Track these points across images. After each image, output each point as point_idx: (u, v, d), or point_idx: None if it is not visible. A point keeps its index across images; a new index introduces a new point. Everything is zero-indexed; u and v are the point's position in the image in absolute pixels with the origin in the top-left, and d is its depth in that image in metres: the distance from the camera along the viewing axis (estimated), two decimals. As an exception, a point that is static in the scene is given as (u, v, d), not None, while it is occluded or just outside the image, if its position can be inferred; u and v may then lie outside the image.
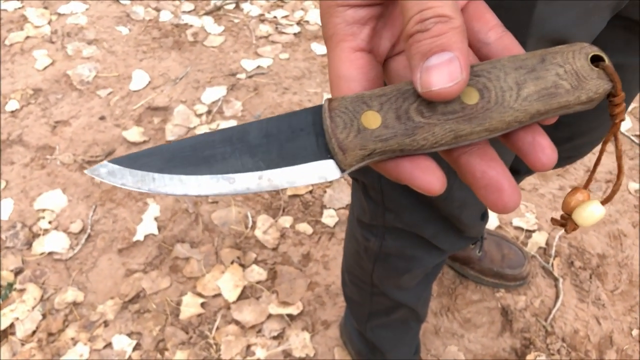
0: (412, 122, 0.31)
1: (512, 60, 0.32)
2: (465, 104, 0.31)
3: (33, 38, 2.00)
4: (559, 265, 1.42)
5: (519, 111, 0.31)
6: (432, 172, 0.31)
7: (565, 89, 0.32)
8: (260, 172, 0.32)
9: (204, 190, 0.31)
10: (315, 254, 1.43)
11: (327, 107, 0.31)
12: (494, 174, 0.31)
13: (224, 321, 1.31)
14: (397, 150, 0.31)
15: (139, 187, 0.31)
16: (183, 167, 0.31)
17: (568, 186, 1.58)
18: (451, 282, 1.39)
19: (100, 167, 0.32)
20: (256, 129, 0.32)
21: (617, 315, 1.33)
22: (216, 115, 1.75)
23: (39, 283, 1.38)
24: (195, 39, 2.02)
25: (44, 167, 1.62)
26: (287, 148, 0.32)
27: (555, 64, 0.32)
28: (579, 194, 0.34)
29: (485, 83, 0.31)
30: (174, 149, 0.32)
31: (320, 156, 0.32)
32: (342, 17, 0.33)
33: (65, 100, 1.80)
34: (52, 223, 1.49)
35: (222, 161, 0.32)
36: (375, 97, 0.31)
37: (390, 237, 0.82)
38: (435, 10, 0.28)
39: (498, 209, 0.31)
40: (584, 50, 0.32)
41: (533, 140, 0.32)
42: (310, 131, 0.32)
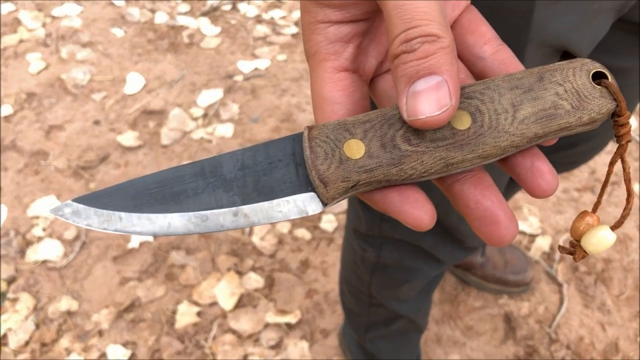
0: (399, 151, 0.28)
1: (508, 79, 0.29)
2: (456, 130, 0.28)
3: (27, 41, 1.97)
4: (563, 270, 1.39)
5: (515, 135, 0.29)
6: (421, 206, 0.28)
7: (566, 109, 0.29)
8: (235, 208, 0.29)
9: (174, 230, 0.29)
10: (313, 261, 1.40)
11: (307, 136, 0.29)
12: (489, 205, 0.28)
13: (221, 330, 1.29)
14: (383, 181, 0.29)
15: (105, 227, 0.29)
16: (151, 205, 0.29)
17: (572, 189, 1.54)
18: (453, 288, 1.36)
19: (65, 207, 0.30)
20: (230, 160, 0.30)
21: (622, 321, 1.30)
22: (213, 119, 1.72)
23: (33, 292, 1.35)
24: (191, 40, 1.99)
25: (38, 172, 1.59)
26: (265, 181, 0.29)
27: (554, 83, 0.29)
28: (588, 217, 0.32)
29: (477, 106, 0.29)
30: (141, 185, 0.30)
31: (300, 189, 0.29)
32: (324, 34, 0.31)
33: (59, 104, 1.77)
34: (46, 230, 1.46)
35: (194, 197, 0.29)
36: (358, 124, 0.29)
37: (388, 248, 0.79)
38: (422, 29, 0.26)
39: (493, 242, 0.28)
40: (585, 67, 0.30)
41: (532, 165, 0.29)
42: (289, 162, 0.30)
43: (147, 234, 0.29)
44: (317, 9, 0.30)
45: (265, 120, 1.72)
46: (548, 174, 0.29)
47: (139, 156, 1.62)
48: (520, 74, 0.30)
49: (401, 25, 0.26)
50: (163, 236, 0.29)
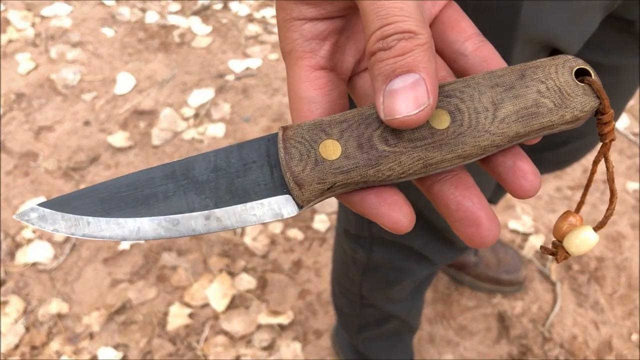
0: (376, 151, 0.28)
1: (488, 77, 0.29)
2: (435, 129, 0.28)
3: (16, 41, 1.96)
4: (556, 269, 1.38)
5: (495, 135, 0.28)
6: (399, 208, 0.28)
7: (548, 107, 0.28)
8: (208, 211, 0.28)
9: (143, 235, 0.28)
10: (306, 261, 1.39)
11: (282, 137, 0.28)
12: (469, 206, 0.28)
13: (213, 332, 1.28)
14: (360, 182, 0.28)
15: (73, 232, 0.28)
16: (120, 209, 0.28)
17: (566, 187, 1.54)
18: (446, 288, 1.35)
19: (31, 212, 0.29)
20: (203, 162, 0.29)
21: (616, 319, 1.30)
22: (204, 119, 1.71)
23: (23, 295, 1.34)
24: (182, 40, 1.98)
25: (28, 174, 1.57)
26: (238, 183, 0.29)
27: (536, 80, 0.28)
28: (571, 217, 0.31)
29: (457, 104, 0.28)
30: (110, 188, 0.29)
31: (275, 191, 0.28)
32: (300, 31, 0.30)
33: (49, 105, 1.75)
34: (35, 232, 1.45)
35: (164, 201, 0.28)
36: (335, 124, 0.28)
37: (378, 249, 0.79)
38: (399, 26, 0.25)
39: (475, 243, 0.27)
40: (568, 64, 0.29)
41: (513, 165, 0.29)
42: (264, 163, 0.29)
43: (116, 239, 0.28)
44: (292, 5, 0.30)
45: (256, 120, 1.71)
46: (530, 174, 0.28)
47: (129, 157, 1.61)
48: (502, 71, 0.29)
49: (377, 21, 0.25)
50: (133, 241, 0.28)
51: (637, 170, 1.58)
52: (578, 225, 0.30)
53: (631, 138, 1.66)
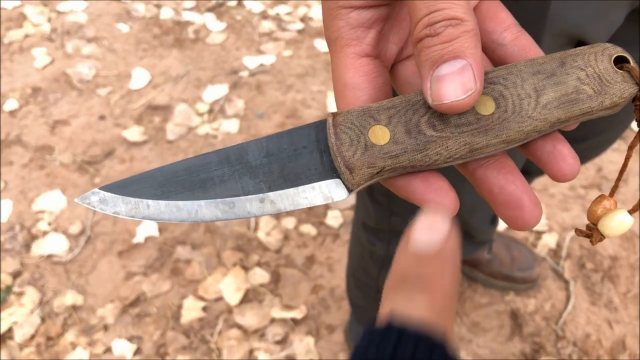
0: (424, 137, 0.28)
1: (530, 64, 0.29)
2: (481, 115, 0.28)
3: (32, 36, 1.97)
4: (569, 267, 1.38)
5: (538, 120, 0.29)
6: (444, 194, 0.29)
7: (588, 94, 0.29)
8: (262, 194, 0.29)
9: (201, 216, 0.29)
10: (319, 256, 1.39)
11: (332, 123, 0.29)
12: (512, 189, 0.28)
13: (226, 325, 1.28)
14: (407, 167, 0.29)
15: (133, 215, 0.29)
16: (178, 193, 0.29)
17: (579, 186, 1.54)
18: (459, 285, 1.35)
19: (92, 195, 0.30)
20: (256, 147, 0.30)
21: (629, 318, 1.30)
22: (218, 114, 1.72)
23: (38, 286, 1.35)
24: (196, 36, 1.98)
25: (43, 167, 1.59)
26: (290, 168, 0.29)
27: (576, 67, 0.29)
28: (605, 201, 0.32)
29: (501, 91, 0.29)
30: (168, 173, 0.30)
31: (325, 175, 0.29)
32: (346, 20, 0.31)
33: (64, 99, 1.77)
34: (51, 225, 1.46)
35: (220, 184, 0.29)
36: (383, 110, 0.29)
37: (397, 242, 0.79)
38: (446, 13, 0.25)
39: (518, 226, 0.28)
40: (607, 52, 0.29)
41: (553, 149, 0.29)
42: (314, 148, 0.29)
43: (175, 221, 0.29)
44: None
45: (270, 116, 1.71)
46: (570, 157, 0.29)
47: (144, 151, 1.62)
48: (542, 59, 0.30)
49: (424, 8, 0.26)
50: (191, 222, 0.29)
51: (652, 170, 1.58)
52: (612, 208, 0.31)
53: (646, 138, 1.66)
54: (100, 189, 0.30)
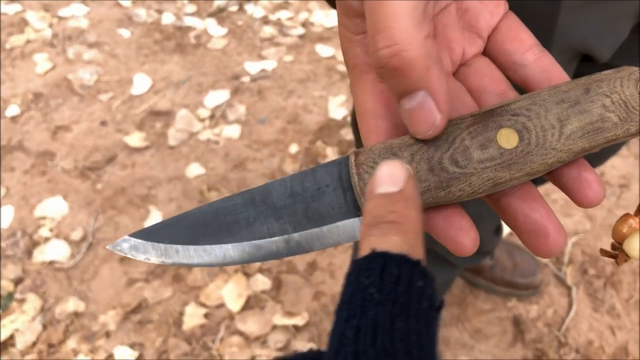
0: (447, 173, 0.28)
1: (554, 92, 0.29)
2: (504, 149, 0.28)
3: (34, 42, 1.97)
4: (572, 273, 1.38)
5: (562, 151, 0.28)
6: (466, 232, 0.28)
7: (613, 122, 0.28)
8: (287, 235, 0.29)
9: (230, 260, 0.29)
10: (321, 262, 1.39)
11: (354, 162, 0.29)
12: (537, 217, 0.28)
13: (228, 332, 1.28)
14: (431, 203, 0.28)
15: (164, 260, 0.29)
16: (206, 237, 0.30)
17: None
18: (461, 291, 1.35)
19: (123, 242, 0.30)
20: (279, 188, 0.30)
21: (632, 325, 1.30)
22: (219, 120, 1.72)
23: (40, 293, 1.35)
24: (198, 41, 1.99)
25: (45, 173, 1.59)
26: (314, 207, 0.29)
27: (601, 94, 0.28)
28: (631, 220, 0.31)
29: (524, 123, 0.28)
30: (195, 217, 0.30)
31: (349, 214, 0.29)
32: (363, 46, 0.30)
33: (66, 105, 1.77)
34: (52, 231, 1.46)
35: (247, 227, 0.30)
36: (405, 147, 0.28)
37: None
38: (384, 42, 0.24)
39: (542, 254, 0.28)
40: (633, 77, 0.29)
41: (579, 175, 0.29)
42: (337, 186, 0.29)
43: (205, 265, 0.29)
44: (350, 21, 0.30)
45: (271, 122, 1.71)
46: (595, 184, 0.28)
47: (145, 157, 1.62)
48: (566, 86, 0.29)
49: (371, 28, 0.25)
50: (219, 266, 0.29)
51: (653, 176, 1.58)
52: (638, 228, 0.30)
53: (647, 143, 1.66)
54: (130, 236, 0.30)
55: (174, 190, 1.54)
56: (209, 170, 1.58)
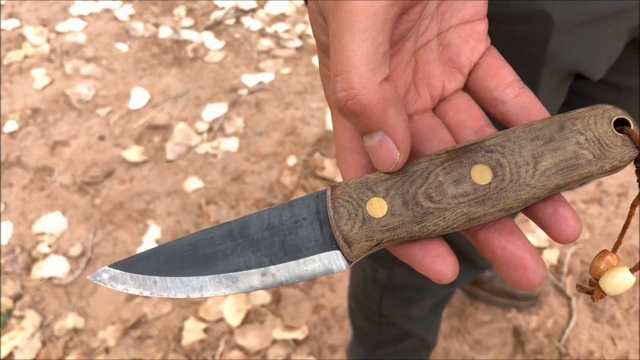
0: (421, 208, 0.28)
1: (528, 130, 0.29)
2: (478, 185, 0.28)
3: (31, 57, 1.98)
4: (571, 283, 1.38)
5: (536, 188, 0.28)
6: (442, 260, 0.28)
7: (587, 159, 0.28)
8: (264, 268, 0.30)
9: (206, 292, 0.30)
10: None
11: (330, 196, 0.29)
12: (514, 250, 0.28)
13: (228, 347, 1.28)
14: (405, 238, 0.29)
15: (141, 291, 0.30)
16: (184, 268, 0.30)
17: (579, 200, 1.54)
18: (461, 302, 1.35)
19: (103, 273, 0.31)
20: (257, 221, 0.30)
21: (632, 334, 1.29)
22: (217, 133, 1.72)
23: (39, 309, 1.35)
24: (195, 54, 1.99)
25: (43, 189, 1.59)
26: (291, 240, 0.30)
27: (575, 132, 0.29)
28: (608, 256, 0.31)
29: (498, 159, 0.29)
30: (173, 249, 0.31)
31: (325, 247, 0.29)
32: None
33: (64, 120, 1.77)
34: (51, 247, 1.46)
35: (224, 259, 0.30)
36: (380, 182, 0.29)
37: (400, 268, 0.79)
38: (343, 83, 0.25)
39: (523, 286, 0.28)
40: (607, 114, 0.29)
41: (555, 211, 0.29)
42: (314, 219, 0.30)
43: (182, 296, 0.30)
44: (325, 57, 0.30)
45: (269, 134, 1.72)
46: (571, 220, 0.29)
47: (144, 171, 1.62)
48: (541, 123, 0.29)
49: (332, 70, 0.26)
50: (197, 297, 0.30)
51: (651, 184, 1.58)
52: (615, 264, 0.31)
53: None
54: (110, 267, 0.31)
55: (172, 205, 1.54)
56: (207, 184, 1.58)
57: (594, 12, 0.47)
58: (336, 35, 0.25)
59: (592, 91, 0.68)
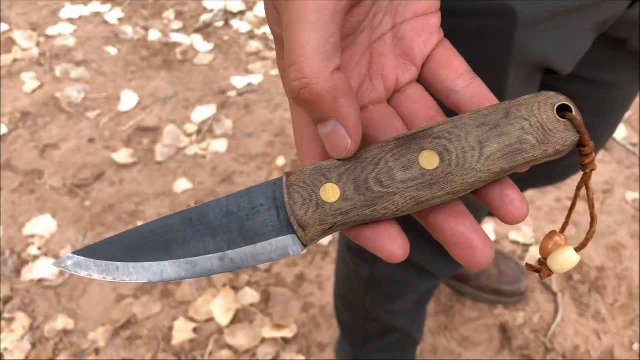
0: (372, 193, 0.30)
1: (475, 117, 0.31)
2: (425, 170, 0.30)
3: (21, 61, 1.99)
4: (557, 279, 1.40)
5: (482, 172, 0.30)
6: (393, 240, 0.30)
7: (531, 143, 0.30)
8: (222, 253, 0.31)
9: (167, 276, 0.31)
10: (309, 274, 1.40)
11: (286, 183, 0.31)
12: (463, 231, 0.29)
13: (217, 346, 1.29)
14: (358, 221, 0.30)
15: (104, 277, 0.31)
16: (145, 254, 0.31)
17: (565, 198, 1.56)
18: (448, 299, 1.36)
19: (67, 259, 0.32)
20: (216, 207, 0.32)
21: (617, 329, 1.31)
22: (207, 135, 1.73)
23: (29, 311, 1.35)
24: (184, 57, 2.00)
25: (33, 191, 1.59)
26: (248, 226, 0.31)
27: (520, 118, 0.30)
28: (556, 237, 0.33)
29: (445, 145, 0.30)
30: (135, 235, 0.32)
31: (281, 232, 0.31)
32: None
33: (54, 123, 1.78)
34: (41, 249, 1.46)
35: (183, 245, 0.31)
36: (334, 169, 0.30)
37: (381, 263, 0.80)
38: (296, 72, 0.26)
39: (471, 265, 0.29)
40: (550, 101, 0.30)
41: (501, 193, 0.30)
42: (270, 206, 0.31)
43: (142, 281, 0.31)
44: (282, 49, 0.31)
45: (259, 135, 1.73)
46: (517, 201, 0.30)
47: (133, 173, 1.63)
48: (487, 110, 0.31)
49: (285, 61, 0.27)
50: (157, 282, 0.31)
51: (636, 180, 1.60)
52: (563, 244, 0.32)
53: (629, 148, 1.68)
54: (74, 254, 0.32)
55: (161, 206, 1.54)
56: (197, 185, 1.59)
57: (558, 7, 0.48)
58: (289, 27, 0.26)
59: (566, 86, 0.70)
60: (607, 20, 0.55)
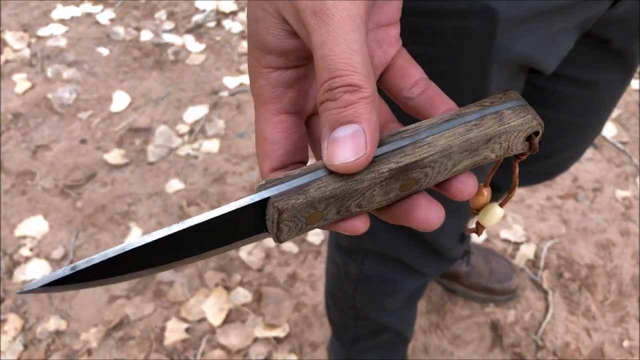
0: (349, 213, 0.31)
1: (464, 145, 0.31)
2: (399, 192, 0.31)
3: (12, 62, 1.98)
4: (548, 277, 1.41)
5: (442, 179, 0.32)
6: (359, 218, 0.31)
7: (490, 159, 0.32)
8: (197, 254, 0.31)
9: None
10: (301, 274, 1.41)
11: (277, 219, 0.30)
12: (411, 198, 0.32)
13: (210, 346, 1.29)
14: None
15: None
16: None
17: (555, 196, 1.57)
18: (439, 298, 1.37)
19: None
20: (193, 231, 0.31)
21: (607, 326, 1.32)
22: (199, 135, 1.73)
23: (21, 312, 1.35)
24: (176, 57, 2.00)
25: (25, 193, 1.59)
26: (226, 235, 0.31)
27: (497, 143, 0.32)
28: (484, 190, 0.36)
29: (427, 172, 0.31)
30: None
31: (256, 231, 0.31)
32: (267, 79, 0.33)
33: (45, 124, 1.77)
34: (33, 250, 1.46)
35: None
36: (324, 200, 0.30)
37: (370, 262, 0.81)
38: (344, 80, 0.27)
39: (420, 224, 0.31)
40: (530, 131, 0.32)
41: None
42: (252, 222, 0.31)
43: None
44: (261, 55, 0.32)
45: (250, 135, 1.73)
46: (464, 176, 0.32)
47: (125, 174, 1.63)
48: (475, 137, 0.31)
49: (326, 74, 0.28)
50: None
51: (626, 178, 1.61)
52: (487, 197, 0.35)
53: (619, 147, 1.69)
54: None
55: (153, 206, 1.54)
56: (189, 185, 1.59)
57: (539, 7, 0.48)
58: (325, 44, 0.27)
59: (552, 86, 0.70)
60: (589, 19, 0.55)
